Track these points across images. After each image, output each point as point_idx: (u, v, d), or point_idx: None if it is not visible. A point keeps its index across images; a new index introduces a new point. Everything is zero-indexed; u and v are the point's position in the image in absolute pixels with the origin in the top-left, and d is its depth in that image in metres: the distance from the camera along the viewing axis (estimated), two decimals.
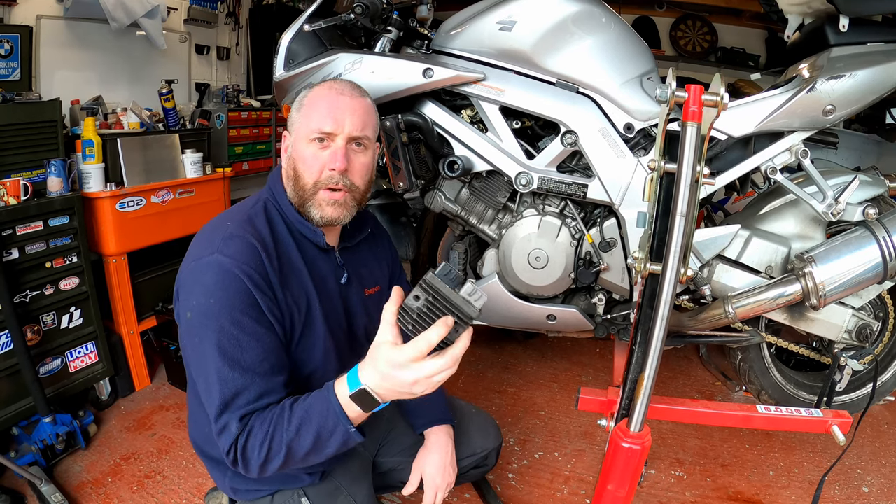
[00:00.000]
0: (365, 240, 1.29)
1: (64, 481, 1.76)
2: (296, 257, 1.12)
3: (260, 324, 1.01)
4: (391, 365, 0.85)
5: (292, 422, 0.95)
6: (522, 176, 1.77)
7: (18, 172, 1.88)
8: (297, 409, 0.97)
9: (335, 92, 1.12)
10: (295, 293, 1.09)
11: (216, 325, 0.98)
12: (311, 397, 0.97)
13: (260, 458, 0.96)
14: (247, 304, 1.00)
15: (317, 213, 1.12)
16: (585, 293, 1.98)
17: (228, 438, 0.97)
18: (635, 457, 1.17)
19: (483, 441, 1.44)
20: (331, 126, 1.09)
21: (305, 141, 1.10)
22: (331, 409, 0.93)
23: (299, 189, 1.12)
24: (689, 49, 5.03)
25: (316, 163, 1.10)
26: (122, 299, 2.24)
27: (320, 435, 0.94)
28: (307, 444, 0.95)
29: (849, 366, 1.81)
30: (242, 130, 3.50)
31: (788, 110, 1.67)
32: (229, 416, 0.97)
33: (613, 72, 1.75)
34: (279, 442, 0.95)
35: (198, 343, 1.00)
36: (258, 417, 0.98)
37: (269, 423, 0.97)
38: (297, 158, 1.12)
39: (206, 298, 0.99)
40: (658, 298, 1.09)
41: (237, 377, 0.98)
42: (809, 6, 1.83)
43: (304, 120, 1.11)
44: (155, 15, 3.03)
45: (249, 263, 1.01)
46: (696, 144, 1.06)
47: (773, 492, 1.82)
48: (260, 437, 0.96)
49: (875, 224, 1.61)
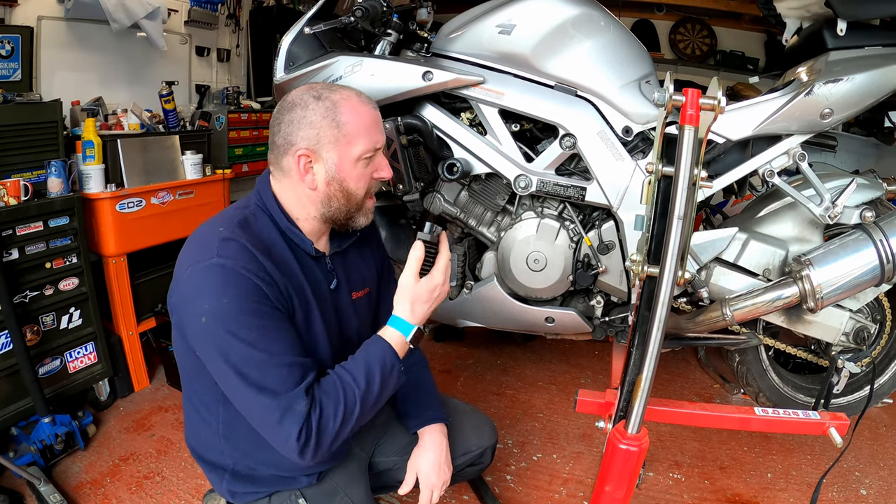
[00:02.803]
0: (354, 243, 1.29)
1: (63, 482, 1.76)
2: (291, 260, 1.12)
3: (278, 313, 1.03)
4: (429, 290, 1.16)
5: (357, 378, 1.05)
6: (521, 179, 1.78)
7: (19, 173, 1.89)
8: (355, 366, 1.07)
9: (369, 107, 1.13)
10: (296, 293, 1.10)
11: (239, 323, 0.98)
12: (364, 355, 1.09)
13: (336, 423, 1.01)
14: (260, 297, 1.01)
15: (363, 221, 1.19)
16: (584, 295, 1.99)
17: (297, 419, 0.98)
18: (633, 458, 1.17)
19: (478, 439, 1.44)
20: (381, 142, 1.15)
21: (354, 161, 1.11)
22: (388, 354, 1.09)
23: (352, 206, 1.15)
24: (688, 52, 5.04)
25: (367, 177, 1.14)
26: (122, 300, 2.24)
27: (384, 381, 1.08)
28: (375, 392, 1.06)
29: (846, 368, 1.82)
30: (242, 132, 3.50)
31: (786, 114, 1.67)
32: (289, 399, 0.98)
33: (612, 75, 1.76)
34: (353, 400, 1.03)
35: (220, 344, 0.99)
36: (319, 392, 1.02)
37: (334, 388, 1.03)
38: (346, 179, 1.11)
39: (219, 300, 0.99)
40: (656, 301, 1.10)
41: (278, 362, 0.99)
42: (807, 10, 1.84)
43: (349, 140, 1.09)
44: (155, 16, 3.04)
45: (249, 264, 1.01)
46: (694, 148, 1.06)
47: (772, 494, 1.83)
48: (332, 402, 1.02)
49: (872, 227, 1.61)
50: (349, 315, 1.26)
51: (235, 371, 0.99)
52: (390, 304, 1.39)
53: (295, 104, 1.09)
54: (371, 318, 1.37)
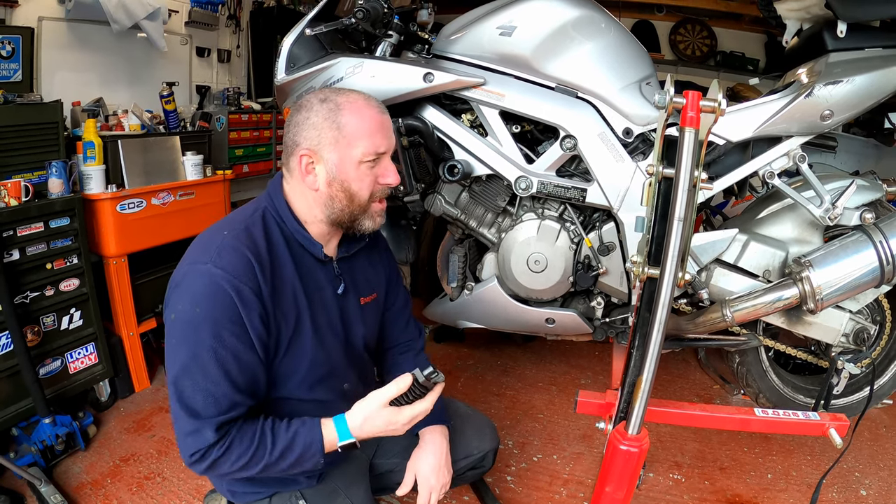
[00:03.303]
0: (363, 248, 1.29)
1: (63, 482, 1.76)
2: (290, 270, 1.12)
3: (240, 341, 1.03)
4: (387, 421, 1.11)
5: (276, 447, 1.05)
6: (522, 180, 1.78)
7: (19, 174, 1.89)
8: (281, 436, 1.06)
9: (375, 110, 1.13)
10: (285, 307, 1.10)
11: (197, 336, 1.00)
12: (296, 429, 1.08)
13: (232, 467, 1.03)
14: (231, 320, 1.01)
15: (370, 225, 1.18)
16: (584, 297, 1.99)
17: (200, 442, 1.00)
18: (633, 459, 1.17)
19: (479, 442, 1.44)
20: (385, 146, 1.13)
21: (356, 163, 1.11)
22: (314, 445, 1.07)
23: (355, 208, 1.14)
24: (688, 53, 5.04)
25: (370, 180, 1.13)
26: (122, 301, 2.24)
27: (297, 463, 1.07)
28: (281, 466, 1.06)
29: (846, 369, 1.82)
30: (243, 133, 3.50)
31: (786, 115, 1.68)
32: (202, 423, 1.00)
33: (612, 77, 1.76)
34: (258, 460, 1.04)
35: (175, 345, 1.03)
36: (237, 433, 1.03)
37: (250, 441, 1.03)
38: (348, 180, 1.11)
39: (193, 307, 1.00)
40: (656, 302, 1.10)
41: (211, 388, 1.01)
42: (808, 11, 1.84)
43: (351, 142, 1.10)
44: (156, 17, 3.04)
45: (241, 277, 1.02)
46: (694, 150, 1.06)
47: (772, 495, 1.83)
48: (238, 452, 1.02)
49: (872, 228, 1.62)
50: (356, 321, 1.26)
51: (173, 373, 1.02)
52: (396, 309, 1.39)
53: (302, 106, 1.12)
54: (378, 325, 1.37)
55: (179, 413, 1.01)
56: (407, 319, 1.46)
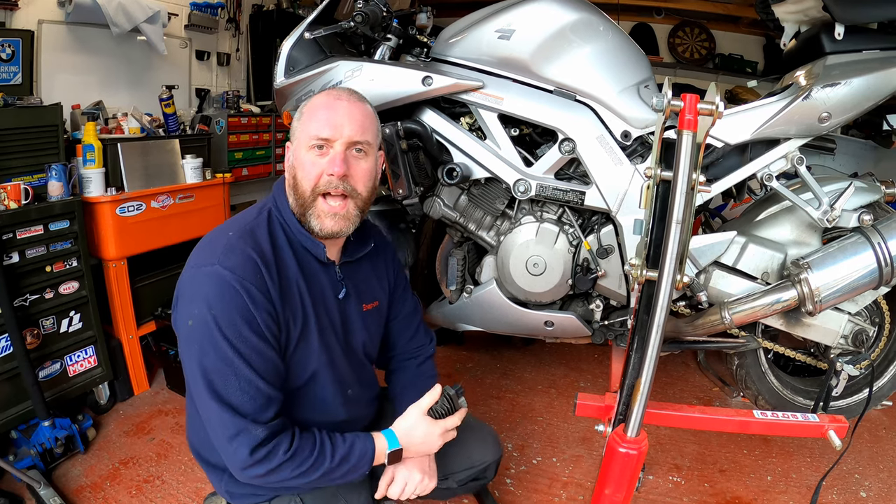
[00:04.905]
0: (367, 255, 1.28)
1: (63, 485, 1.76)
2: (294, 271, 1.12)
3: (260, 337, 1.04)
4: (426, 432, 1.20)
5: (336, 455, 1.10)
6: (520, 183, 1.78)
7: (19, 176, 1.89)
8: (339, 444, 1.11)
9: (332, 98, 1.13)
10: (293, 307, 1.11)
11: (219, 338, 1.00)
12: (352, 440, 1.13)
13: (292, 473, 1.05)
14: (246, 319, 1.02)
15: (316, 225, 1.12)
16: (583, 299, 1.99)
17: (252, 439, 1.01)
18: (632, 461, 1.17)
19: (482, 454, 1.42)
20: (329, 132, 1.09)
21: (305, 148, 1.11)
22: (368, 454, 1.14)
23: (299, 197, 1.12)
24: (687, 56, 5.06)
25: (314, 169, 1.10)
26: (122, 304, 2.24)
27: (351, 470, 1.12)
28: (338, 474, 1.10)
29: (845, 371, 1.82)
30: (242, 136, 3.51)
31: (784, 118, 1.68)
32: (247, 422, 1.01)
33: (611, 80, 1.76)
34: (318, 466, 1.07)
35: (199, 351, 1.02)
36: (300, 440, 1.07)
37: (311, 448, 1.07)
38: (297, 166, 1.12)
39: (208, 310, 1.00)
40: (655, 304, 1.11)
41: (245, 384, 1.01)
42: (805, 14, 1.85)
43: (303, 128, 1.12)
44: (156, 20, 3.05)
45: (248, 278, 1.02)
46: (692, 153, 1.07)
47: (771, 497, 1.83)
48: (302, 457, 1.06)
49: (870, 230, 1.62)
50: (357, 327, 1.26)
51: (204, 377, 1.01)
52: (403, 317, 1.37)
53: None
54: (380, 333, 1.37)
55: (221, 415, 1.01)
56: (416, 327, 1.45)
